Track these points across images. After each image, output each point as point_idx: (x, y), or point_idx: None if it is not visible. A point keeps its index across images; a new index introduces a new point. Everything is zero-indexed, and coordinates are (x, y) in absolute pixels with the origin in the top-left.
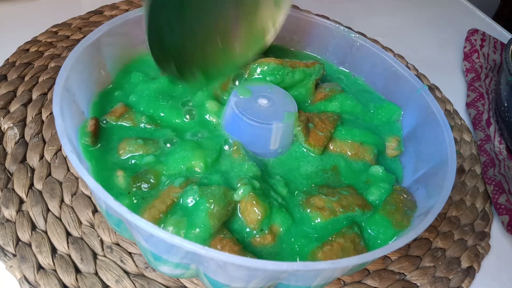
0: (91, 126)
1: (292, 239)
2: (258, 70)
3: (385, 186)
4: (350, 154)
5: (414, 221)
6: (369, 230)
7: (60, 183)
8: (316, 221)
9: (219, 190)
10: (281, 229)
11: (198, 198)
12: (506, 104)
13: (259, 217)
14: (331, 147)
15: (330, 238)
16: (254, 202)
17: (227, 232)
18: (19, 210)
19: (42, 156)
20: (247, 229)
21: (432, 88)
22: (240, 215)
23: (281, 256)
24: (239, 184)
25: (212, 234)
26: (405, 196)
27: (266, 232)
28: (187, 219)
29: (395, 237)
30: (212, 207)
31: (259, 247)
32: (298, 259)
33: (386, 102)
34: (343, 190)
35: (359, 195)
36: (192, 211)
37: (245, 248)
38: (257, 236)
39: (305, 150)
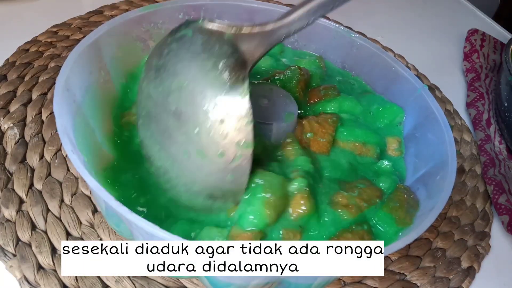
0: None
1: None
2: None
3: (393, 177)
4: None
5: (416, 220)
6: (375, 223)
7: (60, 183)
8: (345, 218)
9: (278, 179)
10: (310, 232)
11: (254, 185)
12: (506, 104)
13: (303, 213)
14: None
15: (336, 234)
16: (306, 196)
17: None
18: (19, 210)
19: (42, 156)
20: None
21: (432, 88)
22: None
23: None
24: (293, 175)
25: (267, 224)
26: (408, 194)
27: (300, 230)
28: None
29: (399, 234)
30: (269, 196)
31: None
32: None
33: (389, 104)
34: (359, 184)
35: (374, 186)
36: (249, 199)
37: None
38: (289, 229)
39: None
